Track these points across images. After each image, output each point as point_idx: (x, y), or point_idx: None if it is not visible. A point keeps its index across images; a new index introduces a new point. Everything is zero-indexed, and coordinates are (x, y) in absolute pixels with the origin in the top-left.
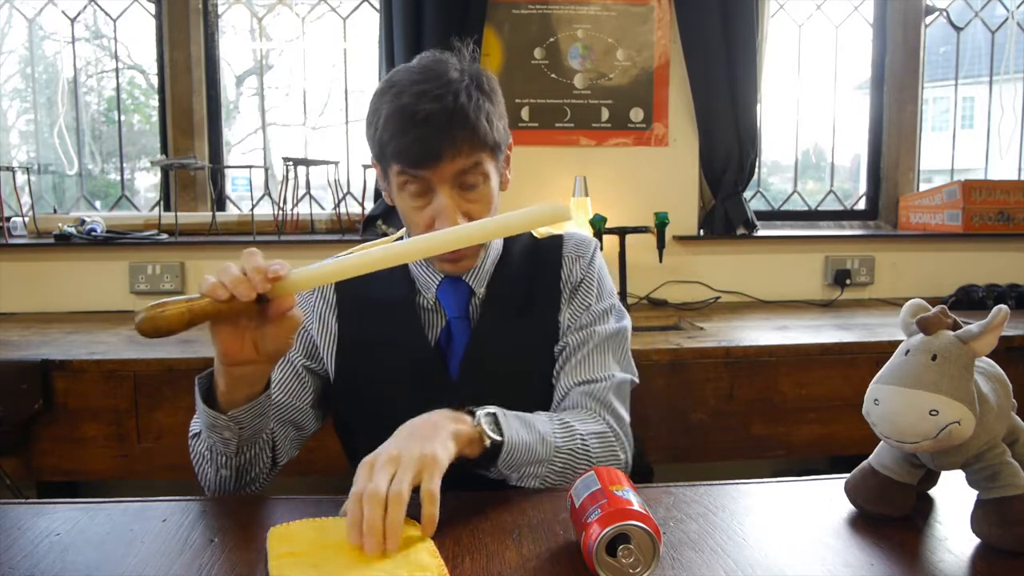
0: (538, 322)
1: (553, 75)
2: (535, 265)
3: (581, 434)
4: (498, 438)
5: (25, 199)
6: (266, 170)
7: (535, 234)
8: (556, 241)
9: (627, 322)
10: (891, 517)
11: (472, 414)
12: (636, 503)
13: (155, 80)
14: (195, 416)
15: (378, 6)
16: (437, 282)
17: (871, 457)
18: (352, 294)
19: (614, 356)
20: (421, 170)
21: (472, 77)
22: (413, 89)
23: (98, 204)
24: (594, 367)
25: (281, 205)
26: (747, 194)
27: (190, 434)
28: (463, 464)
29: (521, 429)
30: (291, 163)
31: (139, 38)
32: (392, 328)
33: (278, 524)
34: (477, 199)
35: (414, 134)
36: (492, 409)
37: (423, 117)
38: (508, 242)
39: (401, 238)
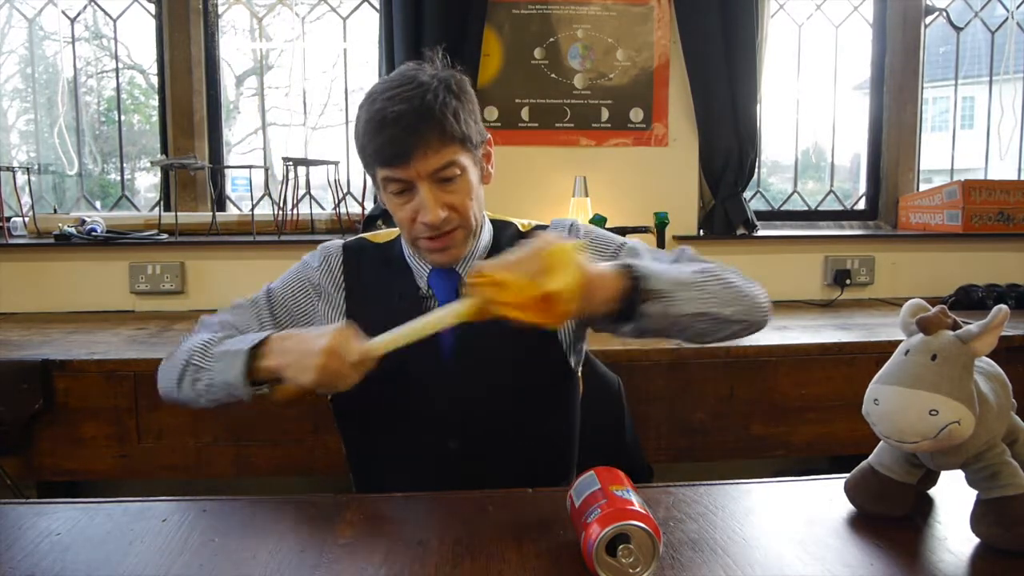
0: None
1: (553, 75)
2: None
3: (709, 268)
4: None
5: (25, 199)
6: (266, 170)
7: (520, 226)
8: (542, 229)
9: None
10: (891, 517)
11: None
12: (636, 503)
13: (155, 80)
14: (205, 351)
15: (378, 6)
16: (428, 270)
17: (871, 457)
18: (360, 280)
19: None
20: (397, 169)
21: (441, 80)
22: (386, 95)
23: (98, 204)
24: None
25: (281, 205)
26: (747, 194)
27: (194, 353)
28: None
29: (653, 264)
30: (291, 163)
31: (139, 38)
32: (393, 314)
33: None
34: (455, 190)
35: (386, 135)
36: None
37: (393, 118)
38: (497, 232)
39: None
